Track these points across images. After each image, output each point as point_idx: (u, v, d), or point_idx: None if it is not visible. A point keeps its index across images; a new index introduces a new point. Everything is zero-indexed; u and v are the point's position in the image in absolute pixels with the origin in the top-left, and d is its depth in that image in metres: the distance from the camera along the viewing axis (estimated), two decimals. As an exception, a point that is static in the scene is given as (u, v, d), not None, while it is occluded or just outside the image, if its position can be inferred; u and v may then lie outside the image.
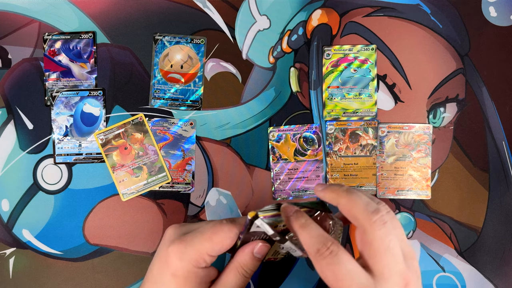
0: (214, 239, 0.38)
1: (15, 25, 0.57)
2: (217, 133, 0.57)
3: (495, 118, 0.57)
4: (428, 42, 0.58)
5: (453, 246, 0.57)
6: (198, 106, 0.57)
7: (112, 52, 0.57)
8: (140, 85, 0.57)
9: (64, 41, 0.57)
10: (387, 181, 0.57)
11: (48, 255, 0.56)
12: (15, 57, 0.57)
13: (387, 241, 0.34)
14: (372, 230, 0.34)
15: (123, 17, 0.57)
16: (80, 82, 0.57)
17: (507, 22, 0.58)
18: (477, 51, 0.58)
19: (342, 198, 0.37)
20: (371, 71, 0.57)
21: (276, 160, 0.57)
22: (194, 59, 0.57)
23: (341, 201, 0.37)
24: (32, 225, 0.56)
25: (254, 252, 0.39)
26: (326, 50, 0.57)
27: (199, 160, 0.57)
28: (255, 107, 0.57)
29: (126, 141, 0.56)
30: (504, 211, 0.57)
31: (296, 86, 0.57)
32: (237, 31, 0.57)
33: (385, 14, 0.58)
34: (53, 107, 0.56)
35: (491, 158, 0.57)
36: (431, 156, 0.57)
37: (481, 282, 0.56)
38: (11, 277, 0.55)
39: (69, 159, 0.56)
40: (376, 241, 0.34)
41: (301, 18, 0.58)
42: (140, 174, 0.56)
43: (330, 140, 0.57)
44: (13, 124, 0.56)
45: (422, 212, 0.57)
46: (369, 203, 0.36)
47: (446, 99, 0.57)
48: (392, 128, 0.57)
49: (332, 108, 0.57)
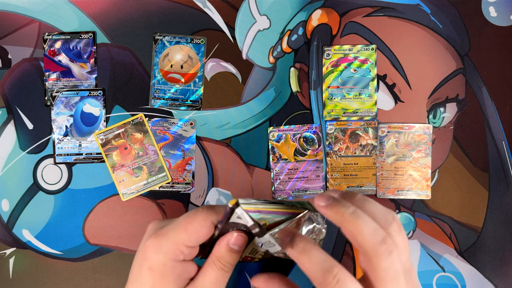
0: (189, 229, 0.36)
1: (15, 25, 0.57)
2: (217, 133, 0.57)
3: (495, 118, 0.57)
4: (428, 42, 0.58)
5: (453, 246, 0.57)
6: (198, 106, 0.57)
7: (112, 52, 0.57)
8: (140, 85, 0.57)
9: (64, 41, 0.57)
10: (387, 181, 0.57)
11: (48, 255, 0.56)
12: (15, 57, 0.57)
13: (392, 271, 0.33)
14: (378, 261, 0.33)
15: (123, 17, 0.57)
16: (80, 82, 0.57)
17: (507, 22, 0.58)
18: (477, 51, 0.58)
19: (347, 222, 0.34)
20: (371, 71, 0.57)
21: (276, 160, 0.57)
22: (194, 59, 0.57)
23: (346, 225, 0.34)
24: (32, 225, 0.56)
25: (230, 244, 0.37)
26: (326, 50, 0.57)
27: (199, 160, 0.57)
28: (255, 107, 0.57)
29: (126, 141, 0.56)
30: (504, 211, 0.57)
31: (296, 86, 0.57)
32: (237, 31, 0.58)
33: (385, 14, 0.58)
34: (53, 107, 0.56)
35: (491, 158, 0.57)
36: (431, 156, 0.57)
37: (481, 282, 0.56)
38: (11, 277, 0.55)
39: (69, 159, 0.56)
40: (381, 272, 0.33)
41: (301, 18, 0.58)
42: (140, 174, 0.56)
43: (330, 140, 0.57)
44: (13, 124, 0.56)
45: (422, 212, 0.57)
46: (376, 230, 0.33)
47: (446, 99, 0.57)
48: (392, 128, 0.57)
49: (332, 108, 0.57)
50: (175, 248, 0.36)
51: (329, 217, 0.35)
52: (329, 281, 0.32)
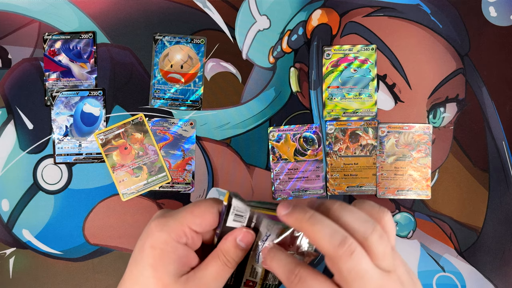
0: (195, 211, 0.37)
1: (15, 25, 0.57)
2: (217, 133, 0.57)
3: (495, 118, 0.57)
4: (428, 42, 0.58)
5: (453, 246, 0.57)
6: (198, 106, 0.57)
7: (112, 52, 0.57)
8: (140, 85, 0.57)
9: (64, 41, 0.57)
10: (387, 181, 0.57)
11: (48, 255, 0.56)
12: (15, 57, 0.57)
13: (355, 271, 0.32)
14: (339, 263, 0.32)
15: (123, 17, 0.57)
16: (80, 82, 0.57)
17: (507, 22, 0.58)
18: (477, 51, 0.58)
19: (305, 229, 0.34)
20: (371, 71, 0.57)
21: (276, 160, 0.57)
22: (194, 59, 0.57)
23: (305, 231, 0.34)
24: (32, 225, 0.56)
25: (238, 239, 0.37)
26: (326, 50, 0.57)
27: (199, 160, 0.57)
28: (255, 107, 0.57)
29: (126, 141, 0.56)
30: (504, 211, 0.57)
31: (296, 86, 0.57)
32: (237, 31, 0.58)
33: (385, 14, 0.58)
34: (53, 107, 0.56)
35: (491, 158, 0.57)
36: (431, 156, 0.57)
37: (481, 282, 0.56)
38: (11, 277, 0.55)
39: (69, 159, 0.56)
40: (344, 273, 0.32)
41: (301, 18, 0.58)
42: (140, 174, 0.56)
43: (330, 140, 0.57)
44: (13, 124, 0.56)
45: (422, 212, 0.57)
46: (335, 232, 0.33)
47: (446, 99, 0.57)
48: (392, 128, 0.57)
49: (332, 108, 0.57)
50: (179, 228, 0.36)
51: (290, 224, 0.35)
52: (292, 279, 0.33)
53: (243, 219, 0.37)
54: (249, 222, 0.38)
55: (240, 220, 0.37)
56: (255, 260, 0.40)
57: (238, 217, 0.37)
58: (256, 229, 0.38)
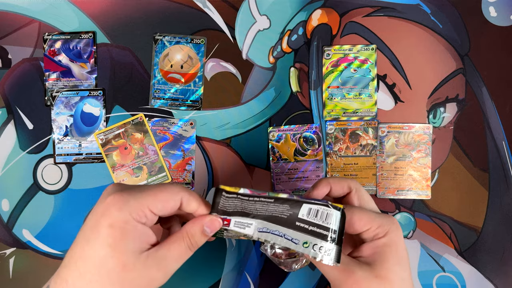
0: (158, 196, 0.36)
1: (15, 25, 0.57)
2: (217, 133, 0.57)
3: (495, 118, 0.57)
4: (428, 42, 0.58)
5: (453, 246, 0.57)
6: (198, 106, 0.57)
7: (112, 52, 0.57)
8: (140, 85, 0.57)
9: (64, 41, 0.57)
10: (387, 181, 0.57)
11: (48, 255, 0.56)
12: (15, 57, 0.57)
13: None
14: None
15: (123, 17, 0.57)
16: (80, 82, 0.57)
17: (507, 22, 0.58)
18: (477, 51, 0.58)
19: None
20: (371, 71, 0.57)
21: (276, 160, 0.57)
22: (194, 59, 0.57)
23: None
24: (32, 225, 0.56)
25: (205, 226, 0.38)
26: (326, 50, 0.57)
27: (199, 160, 0.57)
28: (255, 107, 0.57)
29: (126, 141, 0.56)
30: (504, 211, 0.57)
31: (296, 86, 0.57)
32: (237, 31, 0.58)
33: (385, 14, 0.58)
34: (53, 107, 0.56)
35: (491, 158, 0.57)
36: (431, 156, 0.57)
37: (481, 282, 0.56)
38: (11, 277, 0.55)
39: (69, 159, 0.56)
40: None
41: (301, 18, 0.58)
42: (140, 174, 0.56)
43: (330, 140, 0.57)
44: (13, 124, 0.56)
45: (422, 212, 0.57)
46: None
47: (446, 99, 0.57)
48: (392, 128, 0.57)
49: (332, 108, 0.57)
50: (140, 210, 0.36)
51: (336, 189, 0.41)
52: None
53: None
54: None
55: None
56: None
57: (238, 227, 0.38)
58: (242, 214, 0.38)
